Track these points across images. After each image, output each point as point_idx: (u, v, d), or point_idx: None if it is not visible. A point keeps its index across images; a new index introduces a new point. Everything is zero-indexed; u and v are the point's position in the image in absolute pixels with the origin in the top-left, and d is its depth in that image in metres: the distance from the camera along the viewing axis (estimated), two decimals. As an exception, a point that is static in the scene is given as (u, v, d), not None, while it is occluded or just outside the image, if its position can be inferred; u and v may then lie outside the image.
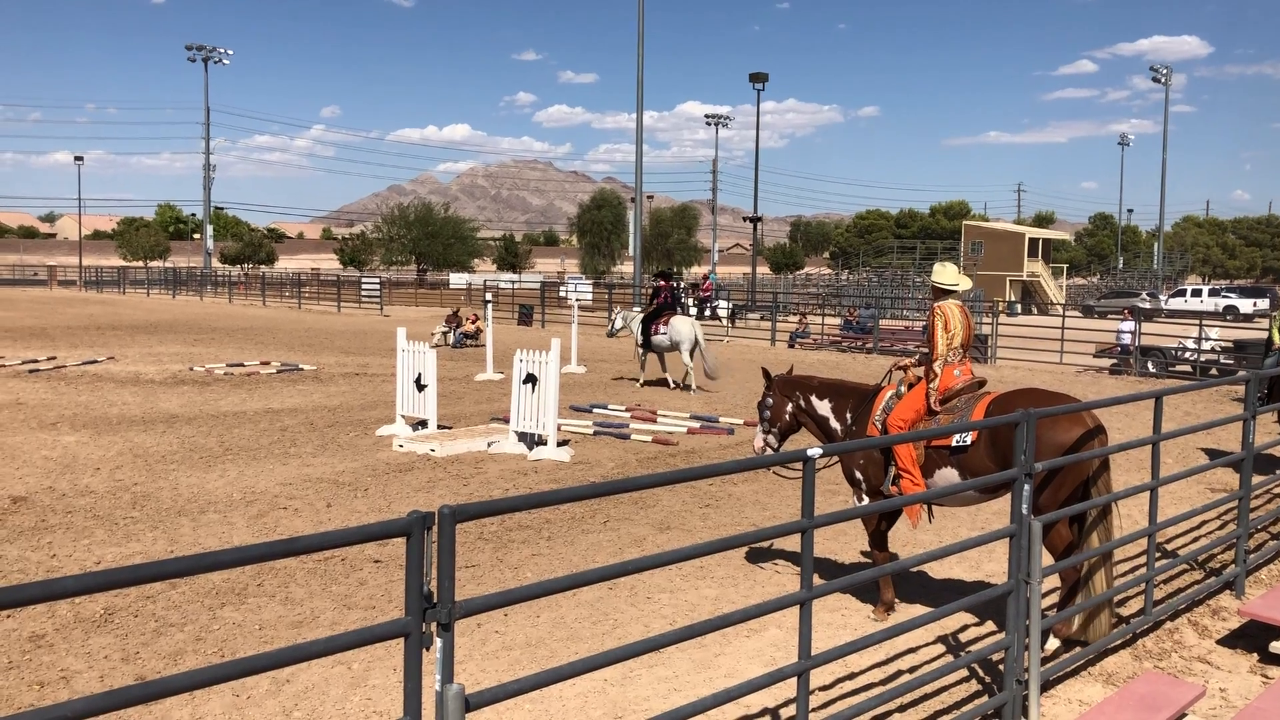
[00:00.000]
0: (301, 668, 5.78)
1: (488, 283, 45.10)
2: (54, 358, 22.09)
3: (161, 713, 5.23)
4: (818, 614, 6.78)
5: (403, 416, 13.33)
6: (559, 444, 12.18)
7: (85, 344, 26.21)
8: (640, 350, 19.40)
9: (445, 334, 28.36)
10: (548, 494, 3.24)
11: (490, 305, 22.25)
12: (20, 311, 40.85)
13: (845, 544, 8.69)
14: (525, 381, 12.27)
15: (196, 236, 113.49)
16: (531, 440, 12.27)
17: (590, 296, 49.23)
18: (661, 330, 19.03)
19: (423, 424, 13.14)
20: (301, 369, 20.82)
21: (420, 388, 13.13)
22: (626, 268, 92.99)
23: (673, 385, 19.09)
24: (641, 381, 19.26)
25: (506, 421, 12.90)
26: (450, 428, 13.54)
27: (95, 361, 21.59)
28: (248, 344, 26.84)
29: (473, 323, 28.47)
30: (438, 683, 2.94)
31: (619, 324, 20.87)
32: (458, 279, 73.21)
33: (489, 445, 12.43)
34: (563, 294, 47.90)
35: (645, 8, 42.76)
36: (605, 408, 15.90)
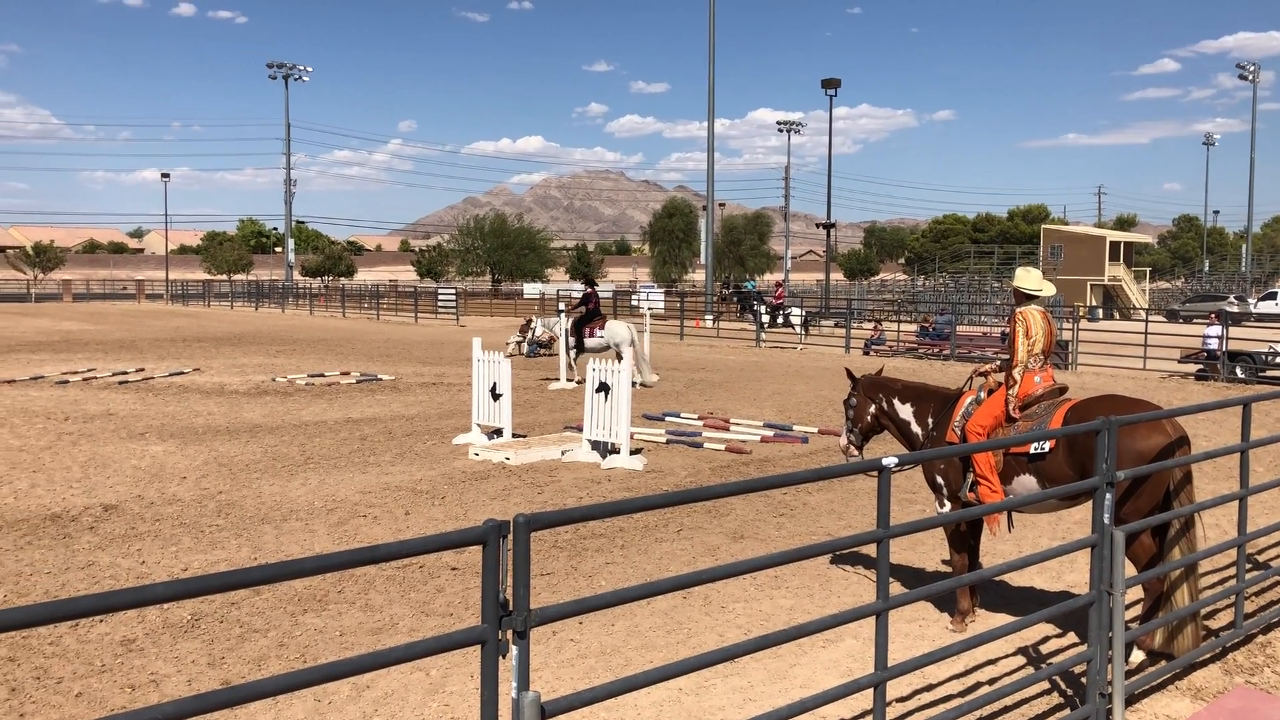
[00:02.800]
0: (381, 674, 5.88)
1: (561, 292, 45.41)
2: (142, 369, 22.75)
3: (246, 717, 5.35)
4: (895, 624, 6.71)
5: (478, 425, 13.48)
6: (632, 452, 12.21)
7: (172, 356, 26.96)
8: (571, 353, 20.50)
9: (519, 343, 28.62)
10: (621, 503, 3.26)
11: (564, 315, 22.37)
12: (110, 324, 42.17)
13: (924, 553, 8.58)
14: (598, 390, 12.33)
15: (278, 250, 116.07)
16: (605, 449, 12.32)
17: (662, 305, 49.29)
18: (598, 333, 20.30)
19: (498, 433, 13.27)
20: (380, 379, 21.17)
21: (495, 397, 13.27)
22: (698, 276, 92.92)
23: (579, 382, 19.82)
24: (568, 381, 20.25)
25: (580, 430, 12.97)
26: (525, 436, 13.66)
27: (182, 373, 22.19)
28: (328, 355, 27.36)
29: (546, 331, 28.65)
30: (514, 690, 2.97)
31: (539, 331, 22.30)
32: (531, 289, 73.82)
33: (563, 454, 12.52)
34: (635, 302, 48.05)
35: (716, 16, 42.79)
36: (678, 416, 15.90)
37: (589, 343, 20.42)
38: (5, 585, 7.47)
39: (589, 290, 21.32)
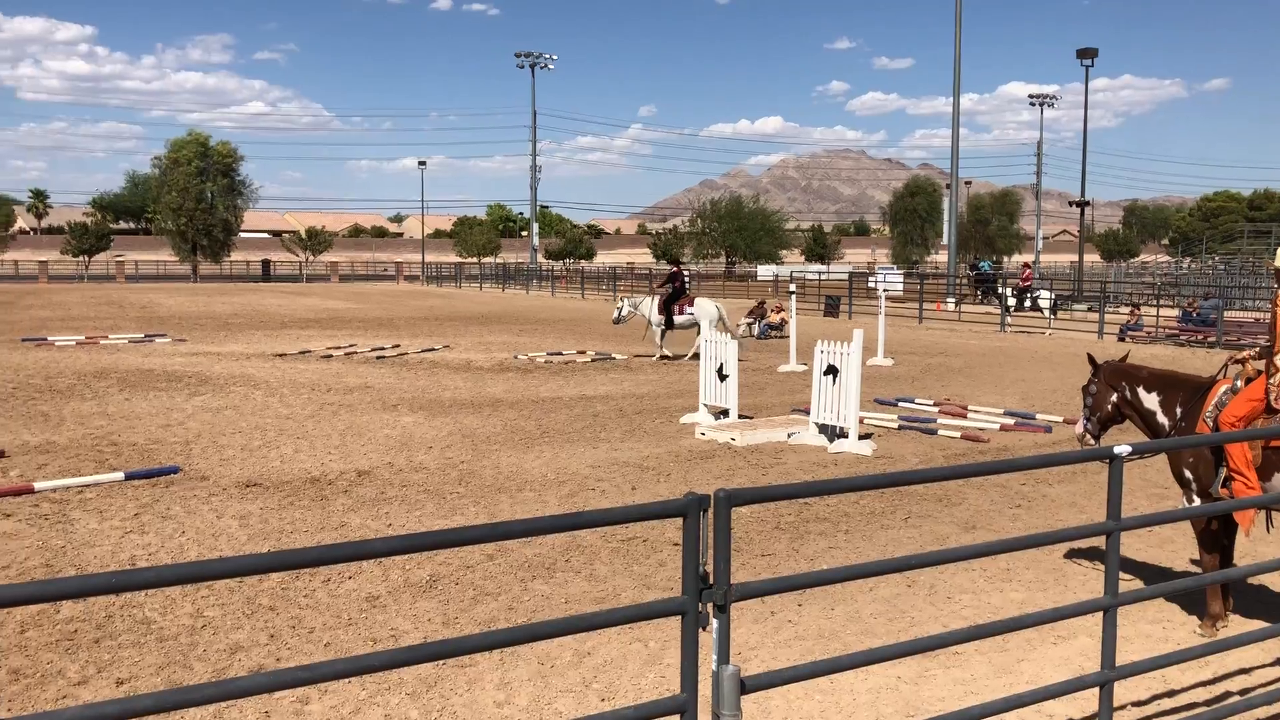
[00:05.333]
0: (601, 643, 6.07)
1: (795, 274, 45.08)
2: (398, 345, 24.30)
3: (475, 675, 5.65)
4: (1134, 625, 6.33)
5: (705, 405, 13.62)
6: (861, 437, 12.01)
7: (425, 333, 28.63)
8: (659, 330, 21.81)
9: (750, 325, 28.65)
10: (825, 482, 3.23)
11: (795, 296, 22.23)
12: (371, 304, 45.20)
13: (1172, 552, 8.03)
14: (826, 373, 12.19)
15: (524, 234, 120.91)
16: (832, 433, 12.18)
17: (901, 287, 48.06)
18: (688, 310, 21.67)
19: (725, 413, 13.36)
20: (614, 358, 21.73)
21: (722, 377, 13.36)
22: (941, 257, 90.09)
23: (664, 357, 21.52)
24: (660, 355, 21.65)
25: (807, 413, 12.87)
26: (751, 417, 13.68)
27: (433, 349, 23.54)
28: (567, 334, 28.31)
29: (777, 313, 28.57)
30: (714, 662, 3.01)
31: (625, 310, 22.78)
32: (765, 271, 73.68)
33: (789, 436, 12.46)
34: (871, 285, 47.07)
35: (962, -14, 41.17)
36: (912, 402, 15.50)
37: (678, 320, 21.71)
38: (269, 541, 8.18)
39: (675, 269, 22.48)
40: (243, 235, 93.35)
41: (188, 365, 19.85)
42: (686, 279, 22.93)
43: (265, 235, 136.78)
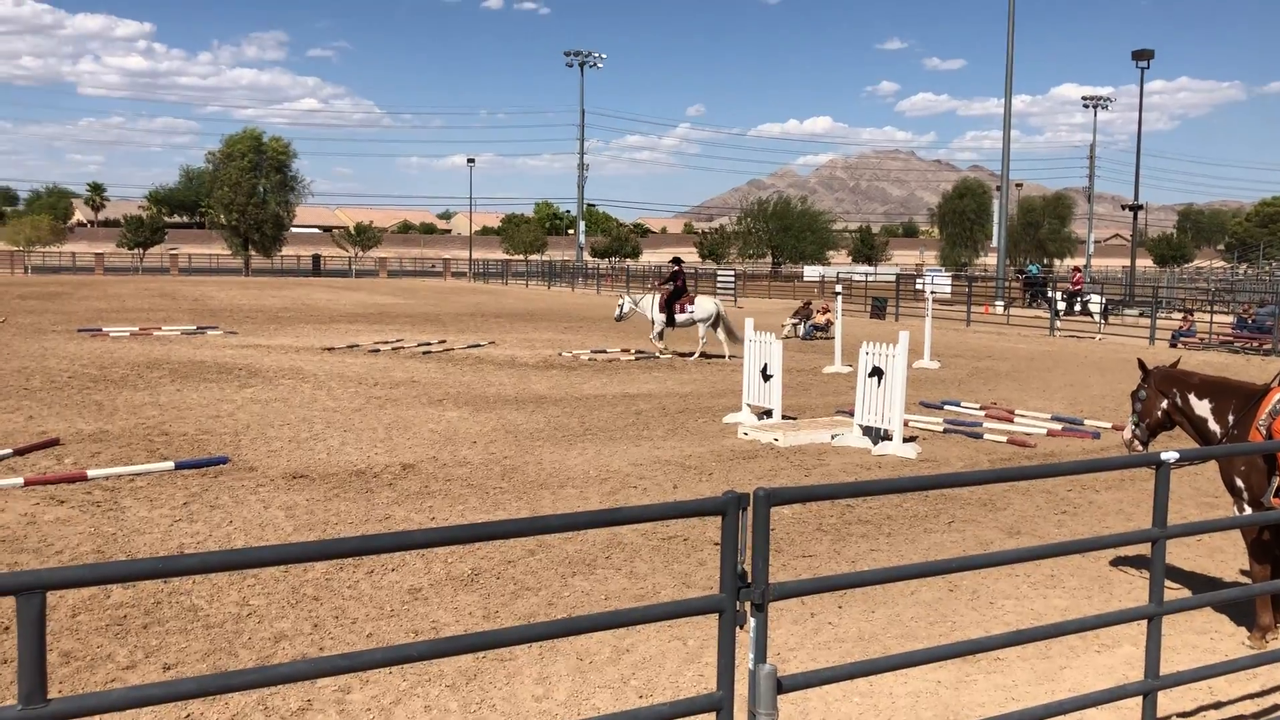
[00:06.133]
0: (640, 640, 6.08)
1: (842, 275, 44.84)
2: (444, 341, 24.48)
3: (515, 669, 5.69)
4: (1181, 635, 6.23)
5: (749, 405, 13.58)
6: (905, 440, 11.92)
7: (471, 329, 28.82)
8: (661, 328, 22.01)
9: (795, 325, 28.53)
10: (866, 483, 3.22)
11: (841, 297, 22.10)
12: (419, 300, 45.59)
13: (1221, 562, 7.89)
14: (871, 375, 12.11)
15: (571, 232, 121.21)
16: (877, 435, 12.10)
17: (949, 289, 47.64)
18: (688, 308, 21.92)
19: (768, 414, 13.32)
20: (658, 357, 21.73)
21: (766, 378, 13.32)
22: (989, 260, 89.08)
23: (667, 354, 21.76)
24: (665, 349, 22.03)
25: (852, 415, 12.79)
26: (795, 418, 13.63)
27: (478, 345, 23.69)
28: (611, 332, 28.35)
29: (823, 314, 28.42)
30: (751, 661, 3.01)
31: (626, 307, 23.20)
32: (811, 271, 73.31)
33: (833, 438, 12.40)
34: (919, 286, 46.69)
35: (1016, -14, 40.71)
36: (958, 405, 15.36)
37: (679, 318, 21.98)
38: (314, 531, 8.28)
39: (676, 269, 22.86)
40: (294, 230, 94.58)
41: (238, 357, 20.14)
42: (686, 278, 23.41)
43: (316, 230, 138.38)
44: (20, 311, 32.16)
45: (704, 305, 22.16)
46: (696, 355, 21.82)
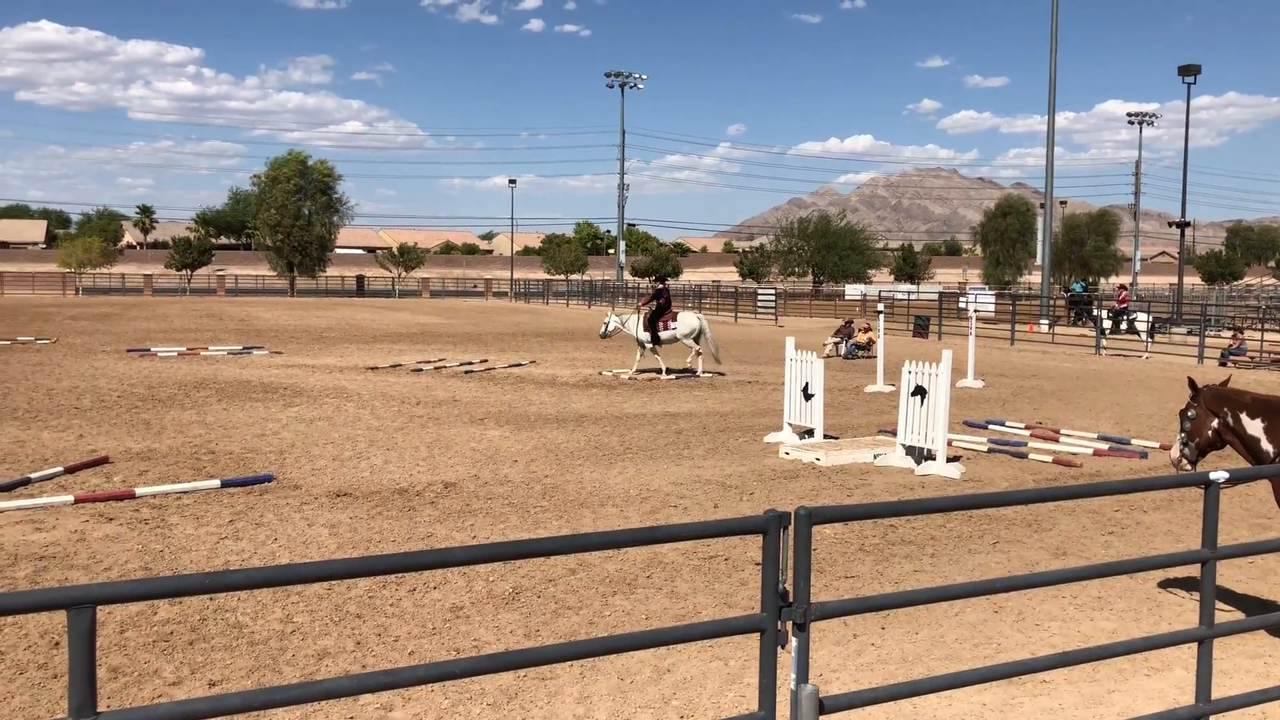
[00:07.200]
0: (681, 660, 6.06)
1: (884, 294, 44.60)
2: (485, 360, 24.62)
3: (556, 687, 5.69)
4: (1233, 658, 6.11)
5: (790, 424, 13.53)
6: (949, 460, 11.82)
7: (512, 349, 28.97)
8: (648, 345, 21.88)
9: (837, 344, 28.41)
10: (909, 502, 3.20)
11: (883, 316, 21.98)
12: (461, 319, 45.91)
13: (1276, 584, 7.74)
14: (913, 394, 12.02)
15: (611, 251, 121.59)
16: (920, 455, 12.00)
17: (992, 308, 47.22)
18: (671, 325, 21.93)
19: (809, 433, 13.25)
20: (699, 375, 21.70)
21: (807, 397, 13.26)
22: (1033, 278, 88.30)
23: (666, 373, 21.48)
24: (635, 372, 21.68)
25: (894, 434, 12.70)
26: (837, 438, 13.55)
27: (520, 365, 23.80)
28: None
29: (865, 333, 28.27)
30: (793, 682, 2.99)
31: (612, 325, 23.06)
32: (853, 290, 72.99)
33: (875, 457, 12.31)
34: (962, 305, 46.32)
35: (1059, 5, 40.44)
36: (1002, 424, 15.20)
37: (663, 335, 21.96)
38: (358, 549, 8.34)
39: (660, 286, 22.94)
40: (338, 251, 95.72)
41: (283, 377, 20.37)
42: (670, 295, 23.42)
43: (360, 251, 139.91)
44: (71, 332, 32.76)
45: (686, 321, 22.31)
46: (700, 373, 21.80)
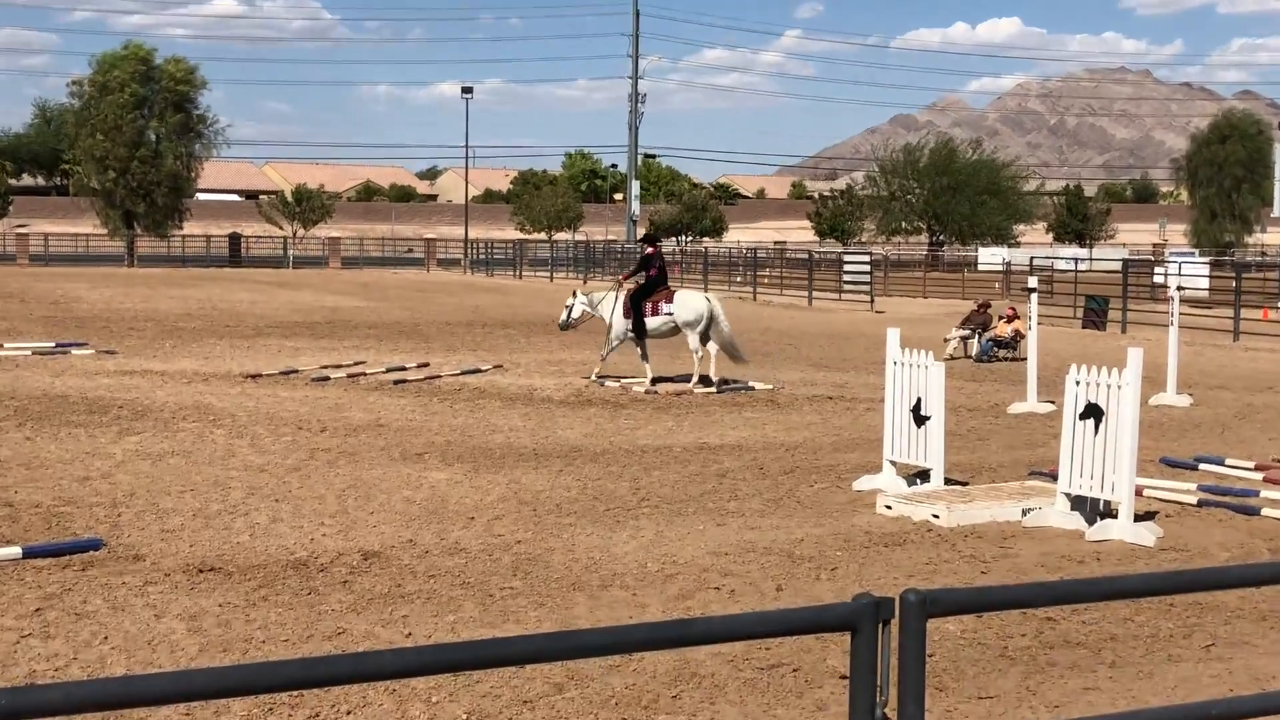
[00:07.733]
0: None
1: (1036, 262, 44.52)
2: (426, 365, 24.68)
3: None
4: None
5: (892, 463, 13.54)
6: (1138, 517, 11.82)
7: (467, 346, 29.07)
8: (626, 336, 22.21)
9: (966, 340, 28.42)
10: (1077, 584, 3.20)
11: (1036, 297, 21.96)
12: (389, 301, 46.11)
13: None
14: (1084, 416, 12.02)
15: (618, 197, 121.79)
16: (1093, 509, 12.01)
17: (1206, 284, 47.16)
18: (664, 308, 21.89)
19: (924, 475, 13.26)
20: (752, 388, 21.76)
21: (920, 421, 13.26)
22: (1270, 239, 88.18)
23: (651, 384, 21.61)
24: (651, 377, 21.79)
25: (1052, 478, 12.70)
26: (966, 484, 13.57)
27: (478, 371, 23.87)
28: (681, 348, 28.38)
29: (1009, 322, 28.28)
30: None
31: (576, 311, 22.92)
32: (990, 256, 72.94)
33: (1024, 514, 12.33)
34: (1159, 279, 46.27)
35: None
36: (1219, 463, 15.18)
37: (650, 323, 22.10)
38: (231, 654, 8.38)
39: (650, 250, 23.11)
40: (201, 198, 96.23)
41: (118, 389, 20.47)
42: (665, 265, 23.45)
43: (235, 198, 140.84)
44: None
45: (689, 303, 22.16)
46: (714, 382, 21.70)
